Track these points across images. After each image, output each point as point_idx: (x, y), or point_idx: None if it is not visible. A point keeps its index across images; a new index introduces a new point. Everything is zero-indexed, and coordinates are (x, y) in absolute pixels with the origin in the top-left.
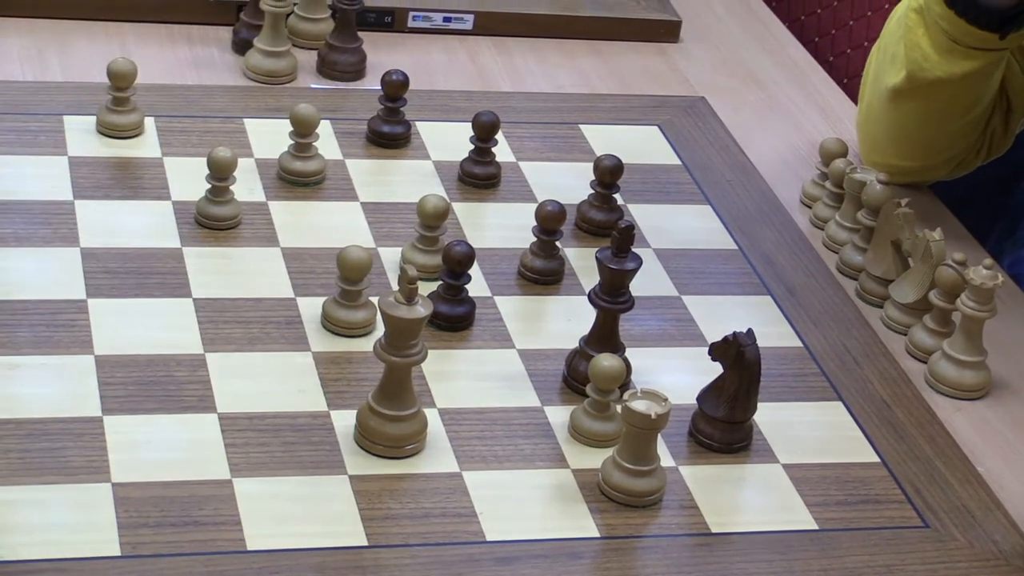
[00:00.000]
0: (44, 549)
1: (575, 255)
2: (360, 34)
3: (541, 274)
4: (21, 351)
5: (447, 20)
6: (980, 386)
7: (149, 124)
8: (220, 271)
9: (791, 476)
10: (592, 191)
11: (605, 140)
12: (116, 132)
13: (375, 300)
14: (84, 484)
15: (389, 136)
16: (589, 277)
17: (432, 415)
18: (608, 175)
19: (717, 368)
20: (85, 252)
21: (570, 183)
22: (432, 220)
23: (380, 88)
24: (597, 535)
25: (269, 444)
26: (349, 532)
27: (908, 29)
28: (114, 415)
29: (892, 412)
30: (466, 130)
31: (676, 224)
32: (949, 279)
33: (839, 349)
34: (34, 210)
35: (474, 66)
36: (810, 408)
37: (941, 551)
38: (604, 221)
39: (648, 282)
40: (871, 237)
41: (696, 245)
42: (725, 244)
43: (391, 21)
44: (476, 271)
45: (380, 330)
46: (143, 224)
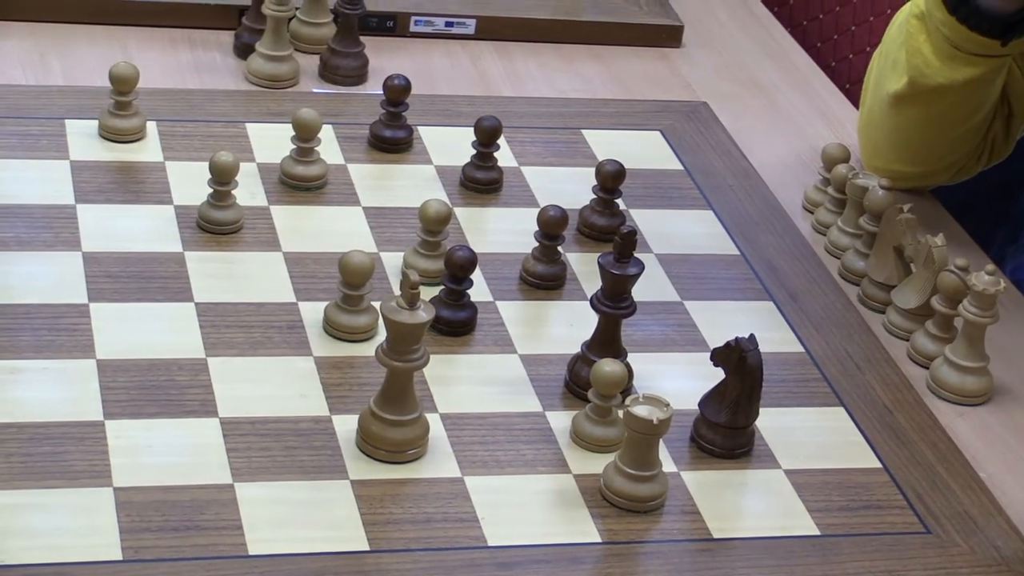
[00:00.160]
0: (46, 553)
1: (577, 260)
2: (362, 38)
3: (543, 279)
4: (23, 355)
5: (449, 25)
6: (982, 392)
7: (151, 128)
8: (222, 275)
9: (793, 482)
10: (594, 196)
11: (607, 145)
12: (118, 136)
13: (377, 305)
14: (86, 488)
15: (391, 141)
16: (591, 282)
17: (434, 420)
18: (610, 180)
19: (719, 373)
20: (87, 256)
21: (572, 188)
22: (434, 225)
23: (382, 92)
24: (599, 540)
25: (271, 449)
26: (351, 537)
27: (909, 35)
28: (116, 419)
29: (894, 418)
30: (468, 135)
31: (678, 229)
32: (951, 285)
33: (841, 355)
34: (36, 214)
35: (476, 71)
36: (812, 413)
37: (943, 557)
38: (606, 226)
39: (650, 287)
40: (873, 242)
41: (698, 250)
42: (727, 249)
43: (393, 25)
44: (478, 276)
45: (382, 335)
46: (145, 228)
